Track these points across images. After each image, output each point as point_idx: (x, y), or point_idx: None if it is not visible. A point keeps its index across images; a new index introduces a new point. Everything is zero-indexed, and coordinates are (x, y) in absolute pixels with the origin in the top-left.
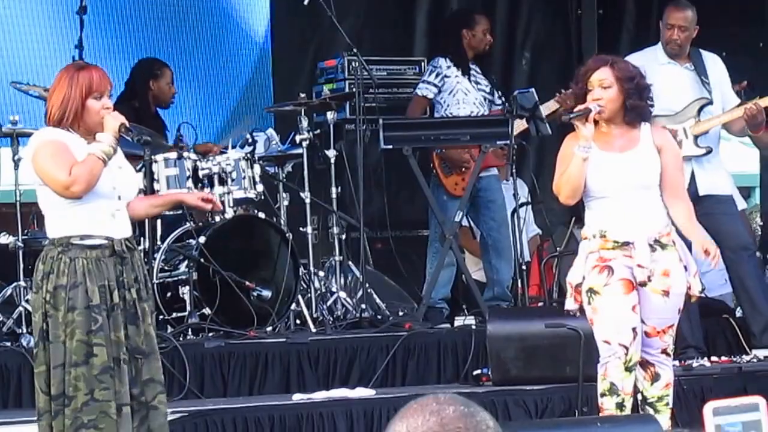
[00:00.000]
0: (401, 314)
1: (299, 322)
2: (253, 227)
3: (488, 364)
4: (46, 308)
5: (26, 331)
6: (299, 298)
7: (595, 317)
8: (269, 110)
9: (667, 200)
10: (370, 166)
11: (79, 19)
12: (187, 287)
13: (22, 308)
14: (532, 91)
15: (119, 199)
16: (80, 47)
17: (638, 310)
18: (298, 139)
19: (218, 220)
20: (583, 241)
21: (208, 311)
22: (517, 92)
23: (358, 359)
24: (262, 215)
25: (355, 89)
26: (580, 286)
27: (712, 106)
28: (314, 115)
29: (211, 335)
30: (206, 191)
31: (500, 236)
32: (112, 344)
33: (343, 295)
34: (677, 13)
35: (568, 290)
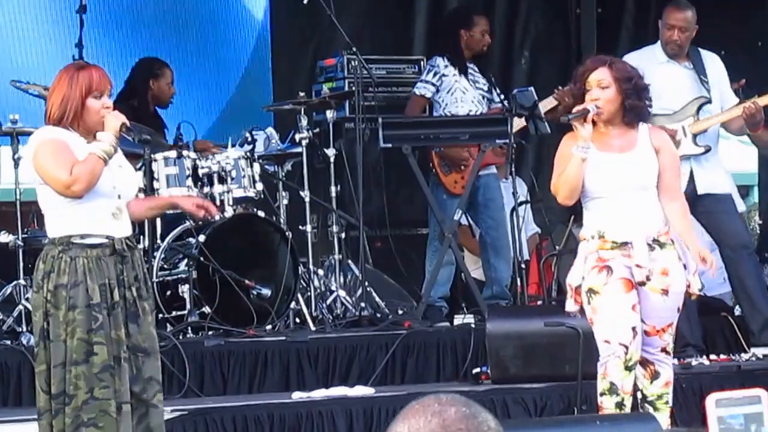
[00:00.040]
0: (400, 313)
1: (299, 320)
2: (252, 226)
3: (487, 362)
4: (46, 307)
5: (26, 329)
6: (299, 296)
7: (594, 317)
8: (269, 109)
9: (663, 201)
10: (369, 164)
11: (79, 18)
12: (186, 286)
13: (22, 307)
14: (531, 89)
15: (119, 198)
16: (80, 46)
17: (638, 309)
18: (297, 137)
19: (218, 218)
20: (581, 242)
21: (207, 310)
22: (516, 91)
23: (357, 358)
24: (261, 214)
25: (354, 88)
26: (579, 287)
27: (710, 105)
28: (314, 113)
29: (210, 334)
30: (206, 190)
31: (499, 235)
32: (112, 343)
33: (342, 293)
34: (677, 13)
35: (568, 292)
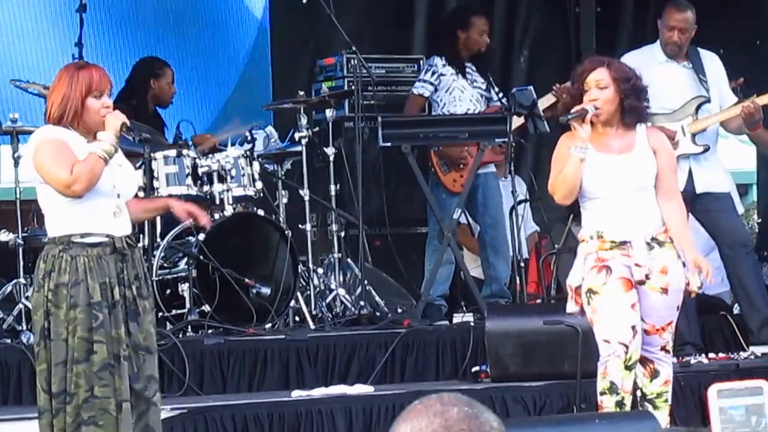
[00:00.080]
0: (400, 311)
1: (298, 319)
2: (252, 225)
3: (487, 360)
4: (47, 306)
5: (26, 328)
6: (298, 295)
7: (594, 317)
8: (268, 108)
9: (660, 201)
10: (368, 163)
11: (79, 17)
12: (186, 284)
13: (22, 305)
14: (530, 88)
15: (119, 197)
16: (80, 45)
17: (638, 308)
18: (297, 136)
19: (218, 217)
20: (580, 243)
21: (207, 308)
22: (515, 90)
23: (356, 356)
24: (261, 213)
25: (353, 87)
26: (579, 288)
27: (709, 104)
28: (313, 112)
29: (210, 332)
30: (206, 188)
31: (497, 234)
32: (112, 341)
33: (342, 292)
34: (678, 14)
35: (568, 293)
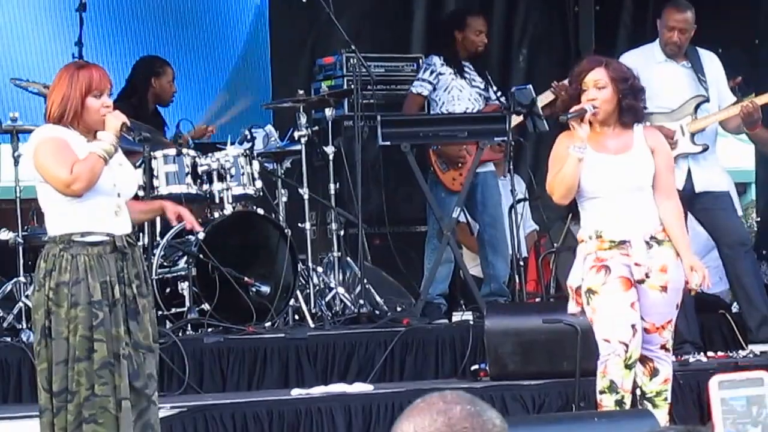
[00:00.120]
0: (399, 310)
1: (298, 317)
2: (251, 223)
3: (486, 359)
4: (48, 305)
5: (26, 326)
6: (298, 293)
7: (594, 317)
8: (268, 107)
9: (657, 200)
10: (368, 162)
11: (78, 16)
12: (186, 283)
13: (22, 304)
14: (529, 87)
15: (119, 196)
16: (80, 44)
17: (637, 307)
18: (296, 135)
19: (217, 216)
20: (580, 243)
21: (207, 307)
22: (514, 89)
23: (356, 354)
24: (260, 211)
25: (353, 86)
26: (580, 288)
27: (708, 103)
28: (313, 111)
29: (210, 331)
30: (205, 187)
31: (496, 232)
32: (112, 340)
33: (341, 290)
34: (678, 14)
35: (569, 294)
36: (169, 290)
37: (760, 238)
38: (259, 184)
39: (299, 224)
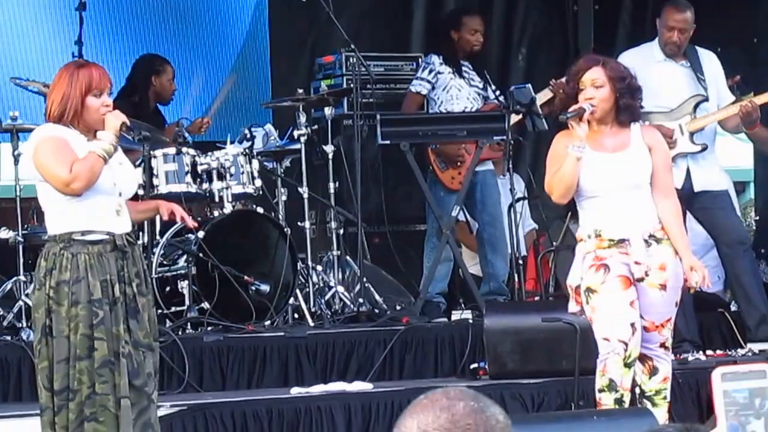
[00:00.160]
0: (399, 308)
1: (297, 316)
2: (251, 222)
3: (485, 357)
4: (49, 304)
5: (26, 325)
6: (297, 292)
7: (593, 315)
8: (267, 106)
9: (656, 198)
10: (367, 161)
11: (78, 15)
12: (185, 281)
13: (22, 302)
14: (528, 86)
15: (120, 195)
16: (80, 43)
17: (636, 305)
18: (296, 134)
19: (217, 215)
20: (579, 243)
21: (206, 305)
22: (513, 88)
23: (355, 353)
24: (260, 210)
25: (352, 85)
26: (579, 287)
27: (707, 102)
28: (312, 110)
29: (209, 329)
30: (205, 186)
31: (496, 231)
32: (112, 338)
33: (341, 289)
34: (677, 14)
35: (569, 293)
36: (168, 289)
37: (758, 237)
38: (258, 182)
39: (299, 223)
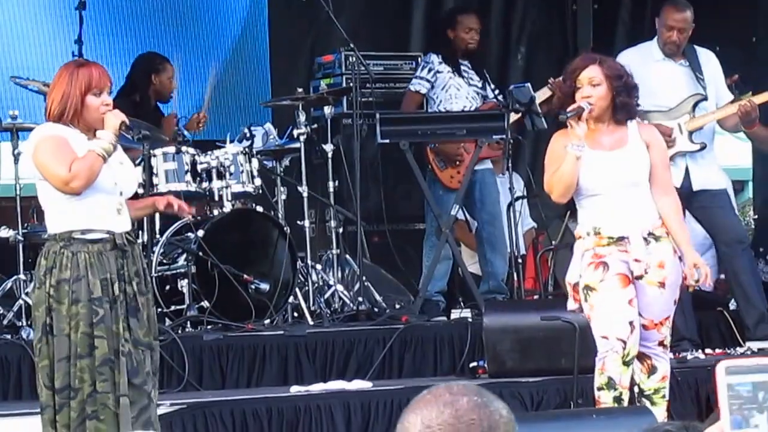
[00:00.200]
0: (398, 307)
1: (297, 314)
2: (251, 221)
3: (484, 356)
4: (49, 302)
5: (26, 323)
6: (297, 291)
7: (592, 313)
8: (267, 105)
9: (655, 196)
10: (367, 160)
11: (78, 14)
12: (185, 280)
13: (22, 301)
14: (527, 85)
15: (121, 194)
16: (80, 42)
17: (635, 303)
18: (295, 133)
19: (216, 213)
20: (577, 240)
21: (206, 304)
22: (512, 87)
23: (355, 352)
24: (260, 209)
25: (352, 84)
26: (578, 285)
27: (706, 102)
28: (312, 109)
29: (209, 328)
30: (204, 185)
31: (495, 230)
32: (112, 336)
33: (340, 288)
34: (677, 14)
35: (567, 290)
36: (168, 287)
37: (757, 235)
38: (258, 181)
39: (298, 222)
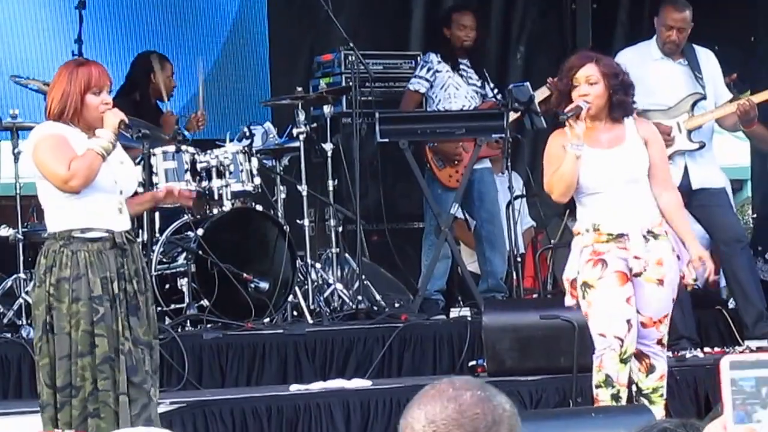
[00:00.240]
0: (397, 306)
1: (296, 313)
2: (250, 220)
3: (483, 355)
4: (50, 301)
5: (26, 322)
6: (296, 289)
7: (589, 311)
8: (266, 104)
9: (656, 192)
10: (366, 159)
11: (78, 13)
12: (185, 279)
13: (22, 300)
14: (527, 84)
15: (121, 193)
16: (80, 42)
17: (633, 301)
18: (295, 132)
19: (216, 212)
20: (575, 236)
21: (206, 303)
22: (512, 86)
23: (354, 350)
24: (259, 208)
25: (351, 83)
26: (575, 281)
27: (705, 101)
28: (311, 108)
29: (209, 327)
30: (204, 184)
31: (494, 228)
32: (113, 335)
33: (339, 286)
34: (676, 14)
35: (565, 287)
36: (168, 286)
37: (755, 234)
38: (257, 180)
39: (298, 221)
